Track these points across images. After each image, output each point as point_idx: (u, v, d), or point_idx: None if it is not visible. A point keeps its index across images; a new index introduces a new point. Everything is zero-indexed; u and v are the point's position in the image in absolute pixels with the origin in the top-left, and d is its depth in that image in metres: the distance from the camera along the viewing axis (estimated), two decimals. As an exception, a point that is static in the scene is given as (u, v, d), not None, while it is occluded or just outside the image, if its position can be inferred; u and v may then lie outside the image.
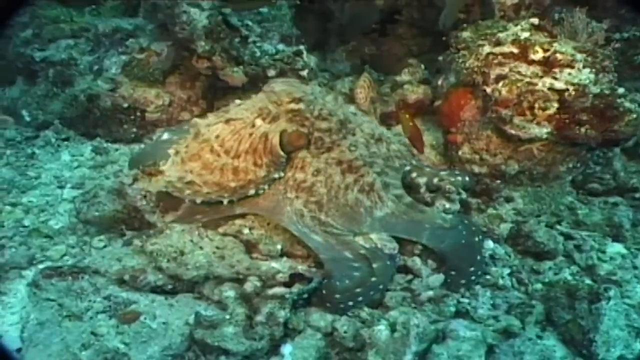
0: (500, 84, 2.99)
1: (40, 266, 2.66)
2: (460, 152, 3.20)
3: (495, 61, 3.09)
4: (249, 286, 2.32)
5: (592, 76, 2.93)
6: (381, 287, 2.43)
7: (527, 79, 2.96)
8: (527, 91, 2.91)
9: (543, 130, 2.93)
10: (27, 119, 3.77)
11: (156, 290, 2.48)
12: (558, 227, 3.04)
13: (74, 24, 3.89)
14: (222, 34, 3.41)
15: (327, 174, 2.64)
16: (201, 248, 2.52)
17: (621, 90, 2.91)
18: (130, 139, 3.76)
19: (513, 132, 2.96)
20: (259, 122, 2.58)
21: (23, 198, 3.22)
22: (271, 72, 3.47)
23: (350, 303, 2.33)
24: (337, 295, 2.34)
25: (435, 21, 4.05)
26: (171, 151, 2.64)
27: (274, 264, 2.48)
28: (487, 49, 3.18)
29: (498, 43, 3.18)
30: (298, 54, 3.53)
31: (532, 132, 2.94)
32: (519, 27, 3.21)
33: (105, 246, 2.84)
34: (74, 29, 3.86)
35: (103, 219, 2.87)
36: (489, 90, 3.04)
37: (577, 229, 3.06)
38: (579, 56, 3.01)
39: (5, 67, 4.07)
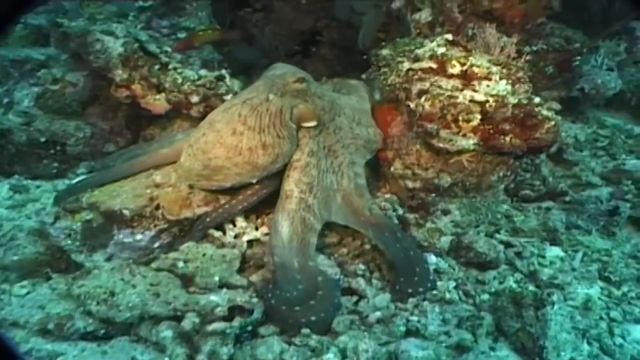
0: (423, 98, 3.00)
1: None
2: (392, 169, 3.17)
3: (416, 77, 3.10)
4: (187, 324, 2.19)
5: (509, 87, 3.01)
6: (336, 301, 2.40)
7: (448, 93, 2.98)
8: (450, 104, 2.93)
9: (470, 142, 2.95)
10: None
11: (87, 337, 2.30)
12: (497, 235, 3.09)
13: (-23, 55, 3.63)
14: (140, 62, 3.30)
15: (318, 157, 2.81)
16: (134, 286, 2.37)
17: (537, 99, 3.00)
18: (53, 174, 3.53)
19: (441, 145, 2.97)
20: (271, 96, 2.77)
21: None
22: (194, 98, 3.37)
23: (307, 318, 2.28)
24: (297, 308, 2.30)
25: (355, 41, 4.14)
26: (184, 146, 2.71)
27: (213, 297, 2.36)
28: (406, 65, 3.20)
29: (417, 59, 3.20)
30: (220, 78, 3.46)
31: (459, 145, 2.96)
32: (434, 43, 3.25)
33: (28, 292, 2.58)
34: (-23, 61, 3.60)
35: (24, 263, 2.67)
36: (412, 105, 3.04)
37: (515, 235, 3.13)
38: (494, 69, 3.08)
39: None
